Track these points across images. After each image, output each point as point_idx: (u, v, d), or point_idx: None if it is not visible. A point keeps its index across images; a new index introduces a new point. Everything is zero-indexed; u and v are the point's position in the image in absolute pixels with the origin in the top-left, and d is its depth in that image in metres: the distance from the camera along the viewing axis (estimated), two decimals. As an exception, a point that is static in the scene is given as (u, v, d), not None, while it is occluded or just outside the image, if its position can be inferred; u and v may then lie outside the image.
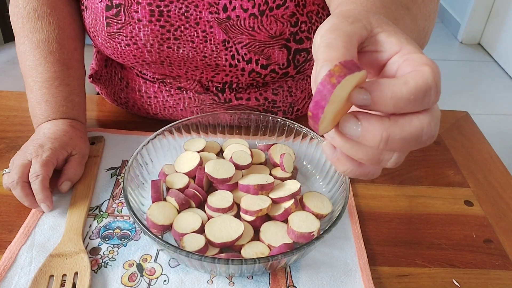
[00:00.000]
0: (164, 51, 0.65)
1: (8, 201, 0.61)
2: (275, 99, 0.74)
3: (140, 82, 0.74)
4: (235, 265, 0.48)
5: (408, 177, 0.70)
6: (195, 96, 0.73)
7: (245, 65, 0.65)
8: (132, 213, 0.51)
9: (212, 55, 0.65)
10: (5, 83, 1.39)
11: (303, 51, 0.65)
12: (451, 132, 0.80)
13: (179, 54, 0.65)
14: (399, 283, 0.54)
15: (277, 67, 0.66)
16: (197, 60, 0.66)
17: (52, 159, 0.60)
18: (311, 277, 0.53)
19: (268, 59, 0.65)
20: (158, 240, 0.48)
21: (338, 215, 0.52)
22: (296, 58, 0.65)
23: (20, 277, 0.51)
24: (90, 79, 0.82)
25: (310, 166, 0.67)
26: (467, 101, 2.41)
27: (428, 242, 0.59)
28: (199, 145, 0.66)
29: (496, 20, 2.84)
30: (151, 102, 0.75)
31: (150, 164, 0.63)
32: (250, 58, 0.65)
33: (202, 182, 0.60)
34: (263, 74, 0.67)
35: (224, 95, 0.72)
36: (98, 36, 0.67)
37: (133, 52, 0.65)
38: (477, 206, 0.65)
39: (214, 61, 0.66)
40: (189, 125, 0.67)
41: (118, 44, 0.65)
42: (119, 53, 0.66)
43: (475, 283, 0.55)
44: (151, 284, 0.52)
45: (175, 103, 0.74)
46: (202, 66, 0.67)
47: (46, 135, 0.63)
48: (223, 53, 0.65)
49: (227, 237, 0.52)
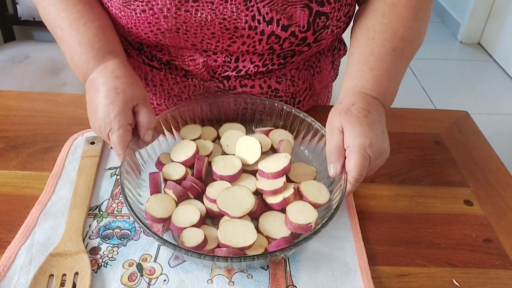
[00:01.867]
0: (181, 16, 0.63)
1: (8, 201, 0.61)
2: (278, 88, 0.74)
3: (147, 70, 0.74)
4: (234, 262, 0.48)
5: (408, 176, 0.70)
6: (200, 83, 0.72)
7: (265, 26, 0.64)
8: (129, 208, 0.52)
9: (232, 16, 0.64)
10: (5, 82, 1.39)
11: (323, 15, 0.65)
12: (451, 132, 0.80)
13: (197, 18, 0.63)
14: (399, 282, 0.54)
15: (297, 30, 0.65)
16: (215, 24, 0.64)
17: (125, 130, 0.59)
18: (310, 277, 0.53)
19: (289, 19, 0.64)
20: (157, 238, 0.49)
21: (335, 208, 0.53)
22: (316, 21, 0.65)
23: (19, 277, 0.51)
24: None
25: (307, 152, 0.67)
26: (467, 101, 2.41)
27: (427, 242, 0.59)
28: (196, 132, 0.66)
29: (496, 20, 2.84)
30: (156, 90, 0.75)
31: (146, 155, 0.64)
32: (272, 18, 0.64)
33: (201, 173, 0.61)
34: (282, 38, 0.66)
35: (229, 82, 0.72)
36: (111, 6, 0.66)
37: (148, 19, 0.64)
38: (477, 205, 0.65)
39: (233, 23, 0.64)
40: (184, 112, 0.68)
41: (133, 11, 0.64)
42: (134, 21, 0.65)
43: (474, 282, 0.55)
44: (151, 284, 0.52)
45: (180, 91, 0.74)
46: (220, 31, 0.65)
47: (103, 104, 0.60)
48: (243, 13, 0.63)
49: (236, 243, 0.52)
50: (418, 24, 0.67)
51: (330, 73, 0.84)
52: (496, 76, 2.68)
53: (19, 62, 1.49)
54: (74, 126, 0.76)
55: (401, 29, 0.65)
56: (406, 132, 0.79)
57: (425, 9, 0.67)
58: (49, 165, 0.67)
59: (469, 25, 2.96)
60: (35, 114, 0.79)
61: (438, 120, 0.83)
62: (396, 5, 0.66)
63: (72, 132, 0.74)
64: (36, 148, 0.71)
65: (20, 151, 0.70)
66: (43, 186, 0.63)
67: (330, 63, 0.82)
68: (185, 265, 0.54)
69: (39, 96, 0.83)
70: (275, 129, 0.68)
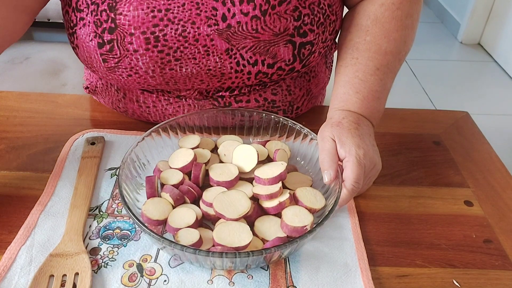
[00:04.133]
0: (167, 74, 0.65)
1: (8, 202, 0.61)
2: (275, 99, 0.74)
3: (138, 93, 0.73)
4: (229, 258, 0.48)
5: (408, 177, 0.70)
6: (195, 102, 0.72)
7: (251, 68, 0.65)
8: (126, 207, 0.52)
9: (216, 66, 0.65)
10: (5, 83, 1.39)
11: (307, 44, 0.65)
12: (451, 132, 0.80)
13: (183, 73, 0.65)
14: (399, 283, 0.54)
15: (283, 64, 0.66)
16: (201, 74, 0.66)
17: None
18: (311, 277, 0.54)
19: (274, 58, 0.65)
20: (153, 234, 0.49)
21: (330, 208, 0.54)
22: (301, 52, 0.65)
23: (20, 277, 0.51)
24: (86, 90, 0.83)
25: (303, 163, 0.68)
26: (467, 101, 2.41)
27: (428, 243, 0.59)
28: (194, 141, 0.66)
29: (496, 20, 2.84)
30: (150, 111, 0.75)
31: (145, 161, 0.64)
32: (256, 60, 0.65)
33: (198, 178, 0.61)
34: (270, 73, 0.67)
35: (224, 100, 0.72)
36: (97, 71, 0.67)
37: (136, 80, 0.65)
38: (477, 206, 0.65)
39: (219, 71, 0.65)
40: (184, 125, 0.68)
41: (119, 76, 0.65)
42: (123, 82, 0.67)
43: (475, 283, 0.55)
44: (151, 284, 0.52)
45: (174, 111, 0.74)
46: (208, 78, 0.66)
47: None
48: (227, 62, 0.64)
49: (232, 243, 0.52)
50: (404, 33, 0.67)
51: (325, 73, 0.84)
52: (496, 76, 2.68)
53: (19, 63, 1.49)
54: (74, 127, 0.76)
55: (384, 44, 0.66)
56: (405, 133, 0.79)
57: (413, 13, 0.68)
58: (50, 166, 0.67)
59: (469, 25, 2.96)
60: (35, 115, 0.79)
61: (438, 120, 0.83)
62: (379, 20, 0.66)
63: (72, 132, 0.74)
64: (36, 149, 0.71)
65: (21, 152, 0.70)
66: (44, 187, 0.63)
67: (324, 64, 0.82)
68: (185, 266, 0.54)
69: (39, 97, 0.83)
70: (272, 140, 0.68)
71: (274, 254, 0.51)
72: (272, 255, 0.50)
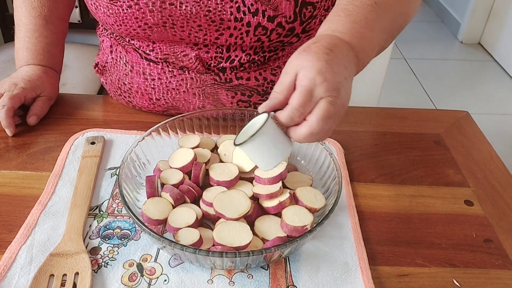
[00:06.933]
0: (167, 9, 0.65)
1: (8, 201, 0.61)
2: (274, 80, 0.75)
3: (144, 65, 0.75)
4: (229, 257, 0.48)
5: (408, 176, 0.70)
6: (197, 76, 0.73)
7: (251, 17, 0.65)
8: (126, 207, 0.52)
9: (216, 8, 0.64)
10: (5, 83, 1.39)
11: (309, 5, 0.65)
12: (451, 132, 0.80)
13: (182, 11, 0.65)
14: (399, 282, 0.54)
15: (283, 20, 0.65)
16: (200, 17, 0.65)
17: (21, 95, 0.74)
18: (311, 277, 0.54)
19: (275, 10, 0.64)
20: (153, 234, 0.49)
21: (330, 208, 0.53)
22: (302, 11, 0.65)
23: (20, 277, 0.51)
24: (95, 69, 0.83)
25: (303, 162, 0.67)
26: (467, 101, 2.41)
27: (428, 242, 0.59)
28: (194, 141, 0.66)
29: (496, 20, 2.84)
30: (154, 84, 0.75)
31: (145, 161, 0.64)
32: (257, 9, 0.64)
33: (198, 178, 0.61)
34: (269, 28, 0.66)
35: (225, 75, 0.72)
36: (100, 6, 0.67)
37: (135, 14, 0.65)
38: (477, 205, 0.65)
39: (218, 15, 0.65)
40: (184, 121, 0.68)
41: (120, 7, 0.65)
42: (122, 18, 0.67)
43: (475, 282, 0.55)
44: (151, 284, 0.52)
45: (177, 85, 0.74)
46: (206, 23, 0.66)
47: (22, 76, 0.77)
48: (228, 5, 0.64)
49: (232, 242, 0.52)
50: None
51: None
52: (496, 76, 2.68)
53: (19, 62, 1.48)
54: (75, 126, 0.76)
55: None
56: (406, 132, 0.79)
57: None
58: (50, 165, 0.67)
59: (469, 25, 2.96)
60: (35, 114, 0.79)
61: (438, 120, 0.83)
62: None
63: (72, 132, 0.74)
64: (36, 148, 0.71)
65: (21, 151, 0.70)
66: (44, 186, 0.63)
67: None
68: (185, 265, 0.54)
69: (39, 96, 0.83)
70: None
71: (274, 254, 0.51)
72: (272, 254, 0.50)
